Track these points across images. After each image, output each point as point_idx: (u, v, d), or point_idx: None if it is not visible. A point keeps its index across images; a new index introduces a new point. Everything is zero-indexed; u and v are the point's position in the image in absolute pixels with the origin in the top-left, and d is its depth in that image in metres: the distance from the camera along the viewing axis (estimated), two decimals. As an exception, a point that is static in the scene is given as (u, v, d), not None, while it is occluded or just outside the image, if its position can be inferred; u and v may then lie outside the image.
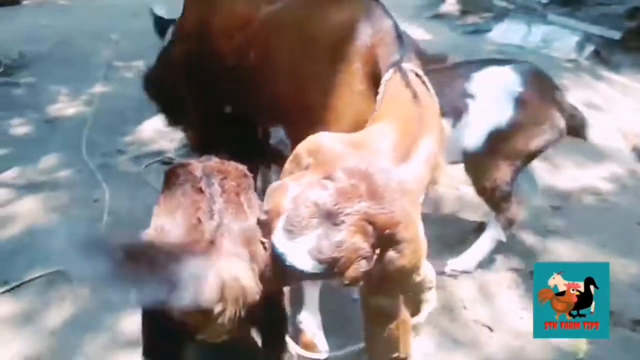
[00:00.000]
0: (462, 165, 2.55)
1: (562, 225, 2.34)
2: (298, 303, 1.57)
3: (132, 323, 1.71)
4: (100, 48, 4.27)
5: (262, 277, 1.11)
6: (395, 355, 0.97)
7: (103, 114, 3.23)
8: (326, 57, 1.30)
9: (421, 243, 0.91)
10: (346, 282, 0.85)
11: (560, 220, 2.36)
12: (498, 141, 1.86)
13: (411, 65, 1.11)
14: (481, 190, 1.99)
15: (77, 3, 6.17)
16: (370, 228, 0.84)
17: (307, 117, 1.28)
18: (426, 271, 0.93)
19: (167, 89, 2.00)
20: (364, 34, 1.24)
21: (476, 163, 1.94)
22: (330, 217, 0.82)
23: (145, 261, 1.06)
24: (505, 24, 4.81)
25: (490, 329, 1.76)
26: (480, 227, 2.20)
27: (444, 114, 1.79)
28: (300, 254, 0.82)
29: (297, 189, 0.86)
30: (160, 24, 2.19)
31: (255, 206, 1.27)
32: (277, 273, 0.88)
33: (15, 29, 4.91)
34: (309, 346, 1.55)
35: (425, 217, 2.24)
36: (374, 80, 1.14)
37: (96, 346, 1.71)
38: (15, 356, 1.68)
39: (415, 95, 1.04)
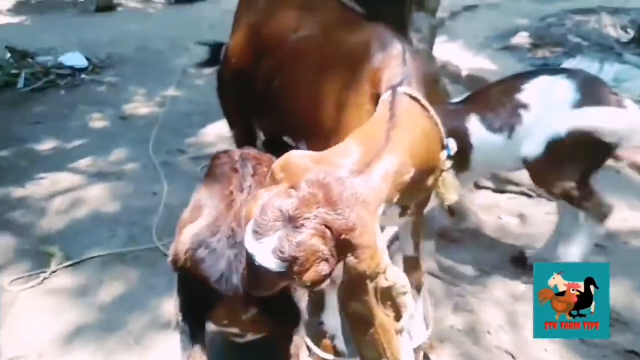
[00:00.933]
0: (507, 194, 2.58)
1: (604, 264, 2.29)
2: (320, 306, 1.66)
3: (172, 306, 1.86)
4: (177, 55, 4.61)
5: None
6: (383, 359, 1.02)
7: (172, 115, 3.49)
8: (340, 79, 1.40)
9: (379, 250, 0.96)
10: (307, 283, 0.91)
11: (603, 259, 2.30)
12: (560, 147, 1.84)
13: (409, 89, 1.17)
14: (559, 195, 1.95)
15: (163, 12, 6.67)
16: (328, 232, 0.91)
17: (323, 134, 1.38)
18: (395, 278, 0.97)
19: (221, 101, 2.20)
20: (374, 58, 1.33)
21: (542, 170, 1.92)
22: (291, 221, 0.90)
23: None
24: (577, 60, 4.68)
25: (513, 357, 1.76)
26: (520, 256, 2.20)
27: (494, 128, 1.90)
28: (265, 253, 0.90)
29: (266, 197, 0.95)
30: (217, 46, 2.41)
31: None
32: (251, 275, 0.96)
33: (106, 33, 5.39)
34: (327, 348, 1.63)
35: (464, 243, 2.34)
36: (377, 101, 1.22)
37: (139, 324, 1.87)
38: (69, 324, 1.87)
39: (392, 116, 1.09)
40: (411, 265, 1.61)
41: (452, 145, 1.30)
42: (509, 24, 6.16)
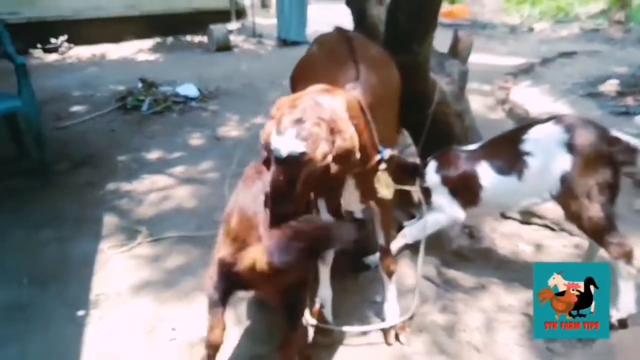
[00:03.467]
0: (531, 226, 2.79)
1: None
2: (317, 281, 2.09)
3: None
4: (272, 90, 5.33)
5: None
6: None
7: (255, 139, 4.13)
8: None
9: (353, 134, 1.48)
10: (319, 158, 1.40)
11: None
12: (568, 184, 2.06)
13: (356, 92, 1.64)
14: (583, 226, 2.12)
15: (272, 53, 7.60)
16: (322, 123, 1.41)
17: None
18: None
19: None
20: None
21: (564, 203, 2.12)
22: (298, 122, 1.40)
23: None
24: (655, 109, 4.61)
25: (478, 351, 2.02)
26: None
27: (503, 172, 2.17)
28: (290, 140, 1.39)
29: (279, 116, 1.45)
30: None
31: None
32: (278, 182, 1.40)
33: (220, 69, 6.36)
34: (316, 314, 2.05)
35: (474, 262, 2.59)
36: None
37: (188, 285, 2.41)
38: (141, 279, 2.47)
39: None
40: (383, 253, 1.99)
41: (386, 153, 1.70)
42: (603, 71, 6.11)
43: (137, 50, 7.59)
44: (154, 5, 7.94)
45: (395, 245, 2.34)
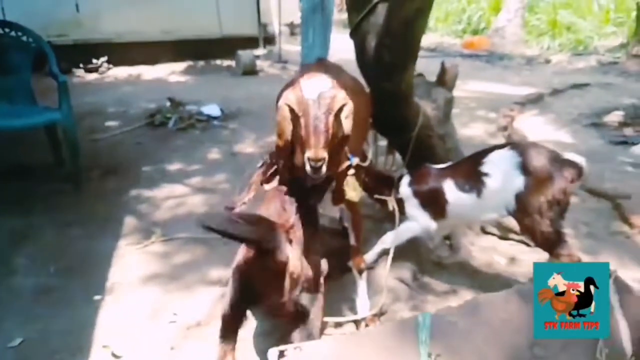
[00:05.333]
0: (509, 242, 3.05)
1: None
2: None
3: (215, 275, 2.74)
4: (289, 111, 5.71)
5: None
6: None
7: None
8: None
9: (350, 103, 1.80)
10: (343, 98, 1.77)
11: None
12: (521, 202, 2.32)
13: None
14: (536, 239, 2.39)
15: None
16: (335, 95, 1.74)
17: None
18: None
19: None
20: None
21: (519, 218, 2.40)
22: (327, 80, 1.79)
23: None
24: (650, 140, 4.76)
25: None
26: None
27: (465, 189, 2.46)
28: (315, 86, 1.72)
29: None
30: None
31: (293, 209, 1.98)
32: (318, 136, 1.67)
33: (243, 92, 6.79)
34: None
35: (450, 270, 2.84)
36: None
37: (192, 279, 2.74)
38: (150, 272, 2.82)
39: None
40: (354, 252, 2.28)
41: (354, 160, 2.01)
42: (612, 103, 6.27)
43: (170, 72, 8.13)
44: (188, 31, 8.50)
45: (374, 250, 2.65)
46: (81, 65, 7.87)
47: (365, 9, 2.79)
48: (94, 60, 7.94)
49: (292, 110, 1.76)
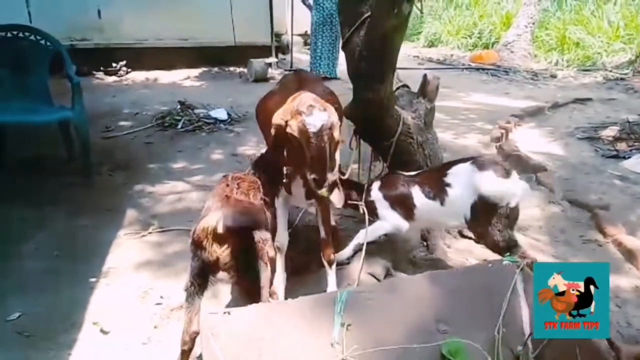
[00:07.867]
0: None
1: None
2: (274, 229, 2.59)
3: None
4: (293, 117, 5.96)
5: None
6: None
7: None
8: None
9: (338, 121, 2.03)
10: (337, 123, 2.00)
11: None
12: (477, 210, 2.52)
13: None
14: (488, 245, 2.62)
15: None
16: (333, 123, 1.97)
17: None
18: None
19: None
20: None
21: (472, 227, 2.64)
22: (323, 109, 1.96)
23: None
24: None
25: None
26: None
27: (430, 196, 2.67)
28: (316, 119, 1.92)
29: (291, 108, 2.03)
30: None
31: (257, 197, 2.35)
32: (320, 154, 1.90)
33: (252, 98, 6.96)
34: (273, 295, 2.55)
35: (424, 269, 3.02)
36: None
37: (182, 266, 2.93)
38: (144, 259, 3.06)
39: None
40: (323, 244, 2.49)
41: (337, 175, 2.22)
42: (611, 117, 6.35)
43: (185, 77, 8.47)
44: (204, 38, 8.86)
45: (350, 247, 2.86)
46: (102, 68, 8.26)
47: (355, 24, 3.01)
48: (114, 64, 8.32)
49: (294, 137, 2.00)
